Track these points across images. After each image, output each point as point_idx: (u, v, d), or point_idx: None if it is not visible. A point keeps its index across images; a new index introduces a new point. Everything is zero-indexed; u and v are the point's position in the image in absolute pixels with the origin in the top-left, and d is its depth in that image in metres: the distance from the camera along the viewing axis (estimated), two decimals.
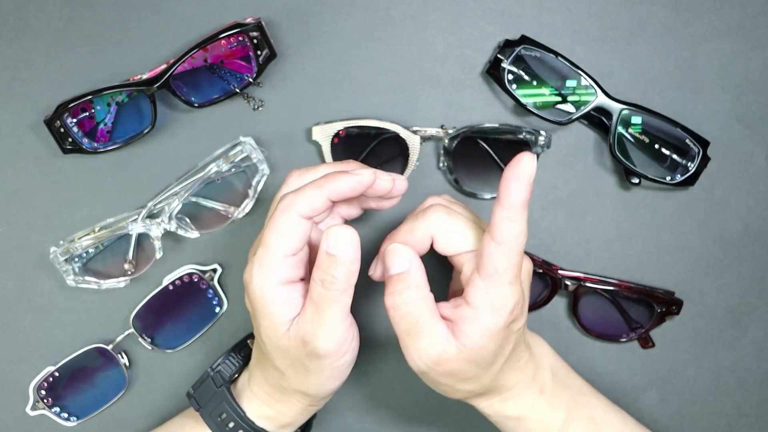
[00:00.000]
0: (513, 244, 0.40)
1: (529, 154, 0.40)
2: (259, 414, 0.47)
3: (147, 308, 0.54)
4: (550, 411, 0.47)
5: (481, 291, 0.41)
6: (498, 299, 0.41)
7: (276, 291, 0.42)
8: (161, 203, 0.53)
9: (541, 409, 0.47)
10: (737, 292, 0.57)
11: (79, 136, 0.52)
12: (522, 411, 0.47)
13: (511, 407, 0.47)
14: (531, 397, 0.47)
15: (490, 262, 0.41)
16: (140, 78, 0.51)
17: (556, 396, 0.48)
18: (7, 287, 0.55)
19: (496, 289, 0.41)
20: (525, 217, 0.40)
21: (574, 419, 0.48)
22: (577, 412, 0.48)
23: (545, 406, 0.47)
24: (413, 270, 0.43)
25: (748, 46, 0.55)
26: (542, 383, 0.48)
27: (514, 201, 0.40)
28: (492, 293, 0.41)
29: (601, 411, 0.50)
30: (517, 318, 0.43)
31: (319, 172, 0.45)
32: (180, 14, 0.53)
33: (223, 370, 0.49)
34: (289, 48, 0.54)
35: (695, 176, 0.54)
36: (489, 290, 0.41)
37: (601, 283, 0.55)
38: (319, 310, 0.41)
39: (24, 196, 0.54)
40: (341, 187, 0.42)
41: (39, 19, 0.53)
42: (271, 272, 0.42)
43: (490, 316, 0.41)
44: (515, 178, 0.40)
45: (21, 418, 0.55)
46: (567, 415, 0.48)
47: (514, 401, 0.47)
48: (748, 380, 0.58)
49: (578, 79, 0.52)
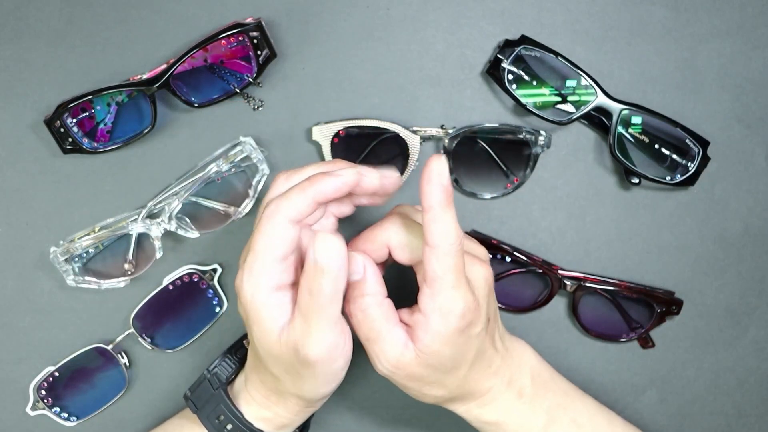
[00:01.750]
0: (445, 246, 0.40)
1: (438, 155, 0.40)
2: (257, 416, 0.47)
3: (147, 308, 0.54)
4: (530, 415, 0.48)
5: (428, 297, 0.42)
6: (444, 304, 0.41)
7: (267, 297, 0.42)
8: (161, 203, 0.53)
9: (519, 414, 0.47)
10: (737, 292, 0.57)
11: (79, 136, 0.52)
12: (499, 416, 0.47)
13: (488, 412, 0.47)
14: (508, 401, 0.47)
15: (428, 266, 0.41)
16: (140, 78, 0.51)
17: (536, 400, 0.48)
18: (7, 287, 0.55)
19: (440, 294, 0.41)
20: (450, 218, 0.40)
21: (556, 422, 0.48)
22: (560, 416, 0.48)
23: (524, 411, 0.47)
24: (368, 277, 0.43)
25: (748, 46, 0.55)
26: (520, 388, 0.48)
27: (432, 202, 0.40)
28: (437, 298, 0.41)
29: (585, 414, 0.50)
30: (472, 323, 0.42)
31: (305, 173, 0.45)
32: (180, 14, 0.53)
33: (219, 372, 0.49)
34: (289, 48, 0.54)
35: (695, 176, 0.54)
36: (434, 296, 0.41)
37: (601, 283, 0.55)
38: (307, 319, 0.41)
39: (24, 196, 0.54)
40: (325, 189, 0.42)
41: (39, 19, 0.53)
42: (261, 278, 0.42)
43: (440, 321, 0.42)
44: (427, 181, 0.40)
45: (21, 418, 0.55)
46: (548, 418, 0.48)
47: (490, 406, 0.47)
48: (748, 380, 0.58)
49: (578, 79, 0.52)
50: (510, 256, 0.55)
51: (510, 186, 0.55)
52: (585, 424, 0.49)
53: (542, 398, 0.48)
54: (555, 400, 0.49)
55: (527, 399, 0.48)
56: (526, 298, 0.56)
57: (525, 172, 0.54)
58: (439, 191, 0.40)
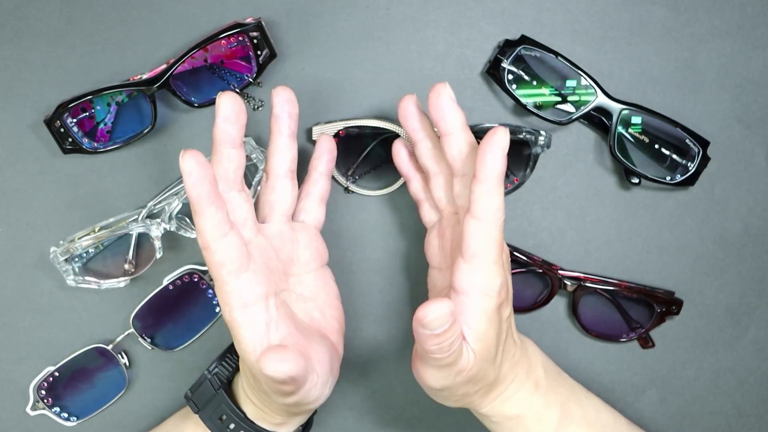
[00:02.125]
0: (492, 218, 0.40)
1: (503, 128, 0.40)
2: (258, 415, 0.47)
3: (147, 308, 0.54)
4: (545, 409, 0.47)
5: (466, 273, 0.41)
6: (485, 280, 0.41)
7: (239, 315, 0.41)
8: (161, 203, 0.53)
9: (537, 407, 0.47)
10: (737, 292, 0.57)
11: (79, 136, 0.52)
12: (519, 409, 0.47)
13: (510, 406, 0.47)
14: (527, 394, 0.47)
15: (472, 240, 0.41)
16: (140, 78, 0.51)
17: (550, 393, 0.48)
18: (7, 287, 0.55)
19: (482, 270, 0.41)
20: (502, 192, 0.41)
21: (568, 416, 0.48)
22: (572, 409, 0.48)
23: (541, 404, 0.47)
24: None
25: (748, 46, 0.55)
26: (536, 379, 0.48)
27: (491, 173, 0.40)
28: (478, 274, 0.41)
29: (593, 410, 0.50)
30: (504, 302, 0.42)
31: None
32: (180, 14, 0.53)
33: (220, 372, 0.49)
34: (289, 48, 0.54)
35: (695, 176, 0.54)
36: (474, 271, 0.41)
37: (601, 283, 0.55)
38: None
39: (24, 196, 0.54)
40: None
41: (39, 19, 0.53)
42: (228, 296, 0.41)
43: (481, 299, 0.41)
44: (491, 150, 0.40)
45: (21, 418, 0.55)
46: (561, 411, 0.48)
47: (512, 400, 0.47)
48: (748, 380, 0.58)
49: (578, 79, 0.52)
50: (510, 256, 0.55)
51: (510, 186, 0.55)
52: (593, 420, 0.49)
53: (554, 392, 0.48)
54: (565, 395, 0.49)
55: (543, 391, 0.48)
56: (526, 298, 0.56)
57: (525, 172, 0.55)
58: (501, 163, 0.40)
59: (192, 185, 0.38)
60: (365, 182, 0.55)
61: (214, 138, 0.44)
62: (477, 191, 0.41)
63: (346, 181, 0.54)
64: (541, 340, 0.57)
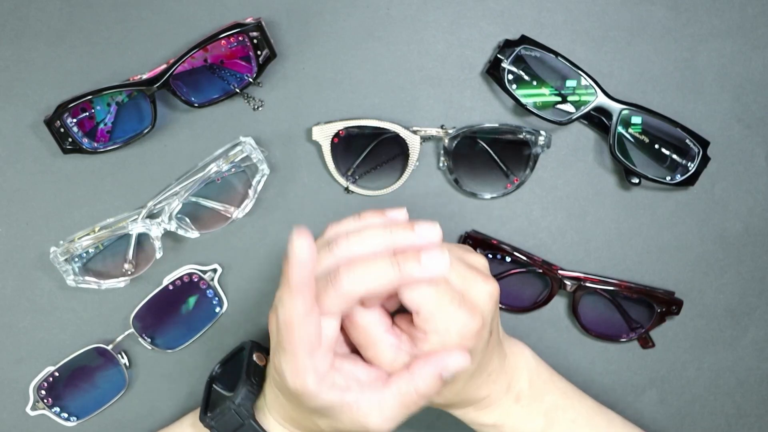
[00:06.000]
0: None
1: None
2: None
3: (147, 308, 0.54)
4: (527, 418, 0.48)
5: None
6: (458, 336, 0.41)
7: (319, 384, 0.40)
8: (161, 203, 0.53)
9: (517, 417, 0.47)
10: (737, 292, 0.57)
11: (79, 136, 0.52)
12: (497, 419, 0.47)
13: (485, 415, 0.47)
14: (507, 405, 0.47)
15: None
16: (140, 78, 0.51)
17: (533, 403, 0.48)
18: (7, 287, 0.55)
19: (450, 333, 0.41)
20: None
21: (554, 424, 0.48)
22: (558, 417, 0.48)
23: (522, 414, 0.48)
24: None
25: (748, 46, 0.55)
26: (518, 392, 0.48)
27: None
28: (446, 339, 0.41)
29: (584, 414, 0.50)
30: (475, 345, 0.42)
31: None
32: (180, 14, 0.53)
33: (244, 401, 0.47)
34: (289, 48, 0.54)
35: (695, 176, 0.54)
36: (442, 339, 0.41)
37: (601, 283, 0.55)
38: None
39: (24, 196, 0.54)
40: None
41: (39, 19, 0.53)
42: (302, 373, 0.40)
43: (438, 341, 0.41)
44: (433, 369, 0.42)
45: (21, 418, 0.55)
46: (546, 420, 0.48)
47: (488, 410, 0.47)
48: (748, 380, 0.58)
49: (578, 79, 0.52)
50: (510, 256, 0.55)
51: (510, 186, 0.55)
52: (583, 425, 0.49)
53: (540, 401, 0.48)
54: (553, 401, 0.49)
55: (525, 402, 0.48)
56: (526, 298, 0.56)
57: (525, 172, 0.55)
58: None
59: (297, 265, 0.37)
60: (365, 182, 0.55)
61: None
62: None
63: (346, 181, 0.54)
64: (541, 340, 0.57)
